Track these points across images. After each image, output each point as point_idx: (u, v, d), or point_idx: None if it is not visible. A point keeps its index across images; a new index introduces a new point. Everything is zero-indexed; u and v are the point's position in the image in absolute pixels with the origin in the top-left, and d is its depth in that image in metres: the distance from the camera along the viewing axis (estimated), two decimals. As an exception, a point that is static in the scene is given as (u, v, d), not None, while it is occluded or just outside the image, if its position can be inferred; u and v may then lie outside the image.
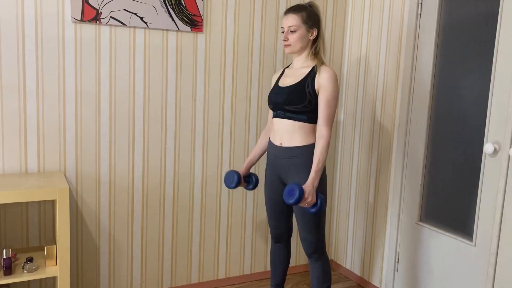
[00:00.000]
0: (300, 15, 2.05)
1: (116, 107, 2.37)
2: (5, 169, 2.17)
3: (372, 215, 2.80)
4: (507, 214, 2.01)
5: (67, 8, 2.19)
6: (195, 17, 2.47)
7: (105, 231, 2.44)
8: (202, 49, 2.54)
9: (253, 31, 2.66)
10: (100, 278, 2.46)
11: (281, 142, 2.12)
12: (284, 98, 2.07)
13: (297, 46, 2.08)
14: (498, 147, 2.04)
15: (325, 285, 2.20)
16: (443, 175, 2.37)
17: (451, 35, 2.31)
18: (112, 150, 2.39)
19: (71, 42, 2.23)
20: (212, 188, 2.69)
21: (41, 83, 2.19)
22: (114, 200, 2.43)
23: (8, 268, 1.93)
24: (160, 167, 2.53)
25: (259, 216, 2.86)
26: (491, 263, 2.08)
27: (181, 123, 2.55)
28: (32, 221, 2.26)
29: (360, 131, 2.88)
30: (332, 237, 3.16)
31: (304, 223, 2.10)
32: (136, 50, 2.38)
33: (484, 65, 2.11)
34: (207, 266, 2.76)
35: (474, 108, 2.18)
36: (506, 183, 2.00)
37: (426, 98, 2.42)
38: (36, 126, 2.21)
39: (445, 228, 2.35)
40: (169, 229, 2.60)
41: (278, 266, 2.40)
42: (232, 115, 2.69)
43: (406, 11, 2.50)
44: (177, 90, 2.51)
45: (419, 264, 2.49)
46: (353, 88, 2.93)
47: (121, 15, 2.29)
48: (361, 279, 2.90)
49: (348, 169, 3.00)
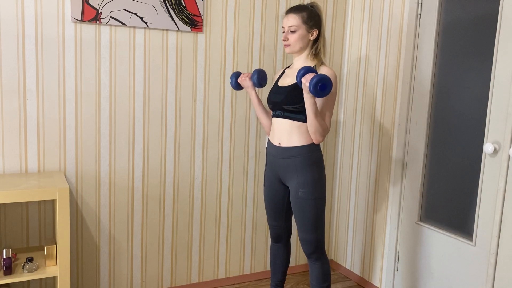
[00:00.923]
0: (300, 15, 2.05)
1: (116, 107, 2.37)
2: (5, 169, 2.18)
3: (372, 215, 2.80)
4: (507, 214, 2.01)
5: (67, 8, 2.19)
6: (195, 17, 2.47)
7: (105, 231, 2.44)
8: (202, 49, 2.54)
9: (253, 31, 2.66)
10: (100, 278, 2.46)
11: (279, 142, 2.12)
12: (282, 98, 2.08)
13: (297, 46, 2.09)
14: (498, 147, 2.04)
15: (324, 285, 2.20)
16: (443, 175, 2.37)
17: (451, 35, 2.30)
18: (112, 150, 2.39)
19: (71, 42, 2.23)
20: (212, 188, 2.69)
21: (41, 83, 2.19)
22: (114, 200, 2.44)
23: (8, 268, 1.93)
24: (160, 167, 2.53)
25: (259, 216, 2.86)
26: (491, 263, 2.08)
27: (181, 123, 2.55)
28: (32, 221, 2.26)
29: (360, 131, 2.88)
30: (332, 237, 3.16)
31: (303, 223, 2.10)
32: (136, 50, 2.38)
33: (484, 65, 2.11)
34: (207, 266, 2.76)
35: (474, 108, 2.18)
36: (506, 183, 2.00)
37: (426, 98, 2.42)
38: (36, 126, 2.21)
39: (445, 228, 2.35)
40: (169, 229, 2.60)
41: (278, 266, 2.40)
42: (232, 115, 2.69)
43: (406, 11, 2.50)
44: (177, 90, 2.51)
45: (419, 264, 2.49)
46: (353, 88, 2.93)
47: (121, 15, 2.29)
48: (361, 279, 2.90)
49: (348, 169, 3.00)
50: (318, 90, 1.84)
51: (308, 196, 2.06)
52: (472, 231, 2.18)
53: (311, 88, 1.83)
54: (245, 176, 2.78)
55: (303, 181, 2.06)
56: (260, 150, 2.80)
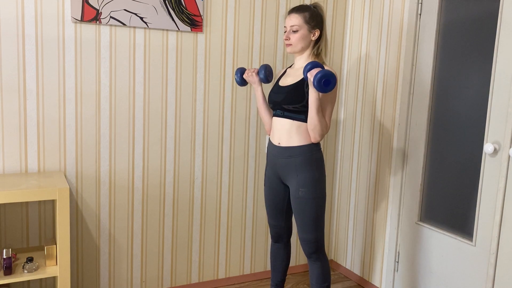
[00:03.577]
0: (303, 15, 2.06)
1: (116, 107, 2.37)
2: (5, 169, 2.18)
3: (372, 215, 2.80)
4: (507, 214, 2.01)
5: (67, 8, 2.19)
6: (195, 17, 2.47)
7: (105, 231, 2.44)
8: (202, 49, 2.54)
9: (253, 31, 2.66)
10: (100, 278, 2.46)
11: (279, 142, 2.13)
12: (283, 97, 2.08)
13: (298, 46, 2.09)
14: (498, 147, 2.04)
15: (324, 285, 2.20)
16: (443, 175, 2.37)
17: (451, 35, 2.30)
18: (112, 150, 2.39)
19: (71, 42, 2.23)
20: (212, 188, 2.69)
21: (41, 83, 2.19)
22: (114, 200, 2.44)
23: (8, 268, 1.93)
24: (160, 167, 2.53)
25: (259, 216, 2.86)
26: (491, 263, 2.08)
27: (181, 123, 2.55)
28: (32, 221, 2.26)
29: (360, 131, 2.88)
30: (332, 237, 3.16)
31: (304, 223, 2.10)
32: (136, 50, 2.38)
33: (484, 65, 2.11)
34: (207, 266, 2.76)
35: (474, 108, 2.18)
36: (506, 183, 2.00)
37: (426, 98, 2.42)
38: (36, 126, 2.21)
39: (445, 228, 2.35)
40: (169, 229, 2.60)
41: (278, 266, 2.40)
42: (232, 115, 2.69)
43: (406, 11, 2.50)
44: (177, 90, 2.51)
45: (419, 264, 2.49)
46: (353, 88, 2.93)
47: (121, 15, 2.29)
48: (361, 279, 2.90)
49: (348, 169, 3.00)
50: (322, 85, 1.85)
51: (308, 196, 2.06)
52: (472, 231, 2.18)
53: (315, 82, 1.85)
54: (245, 176, 2.78)
55: (304, 180, 2.06)
56: (260, 150, 2.80)
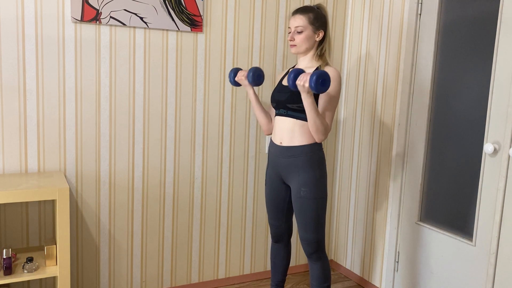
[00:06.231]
0: (307, 16, 2.06)
1: (116, 107, 2.37)
2: (5, 169, 2.18)
3: (372, 215, 2.80)
4: (507, 214, 2.01)
5: (67, 8, 2.19)
6: (195, 17, 2.47)
7: (105, 231, 2.44)
8: (202, 49, 2.54)
9: (253, 31, 2.66)
10: (100, 278, 2.46)
11: (281, 141, 2.13)
12: (286, 97, 2.08)
13: (302, 47, 2.10)
14: (498, 147, 2.04)
15: (324, 285, 2.20)
16: (443, 175, 2.37)
17: (451, 35, 2.31)
18: (112, 150, 2.39)
19: (71, 42, 2.23)
20: (212, 188, 2.69)
21: (41, 83, 2.19)
22: (114, 200, 2.44)
23: (8, 268, 1.93)
24: (160, 167, 2.53)
25: (259, 216, 2.86)
26: (491, 263, 2.08)
27: (181, 123, 2.55)
28: (32, 221, 2.26)
29: (360, 131, 2.88)
30: (332, 237, 3.16)
31: (304, 223, 2.11)
32: (136, 50, 2.38)
33: (484, 65, 2.11)
34: (207, 266, 2.76)
35: (474, 108, 2.18)
36: (506, 183, 2.01)
37: (426, 98, 2.42)
38: (36, 126, 2.21)
39: (445, 228, 2.35)
40: (169, 229, 2.60)
41: (278, 266, 2.40)
42: (232, 115, 2.69)
43: (406, 11, 2.50)
44: (177, 90, 2.51)
45: (419, 264, 2.49)
46: (353, 88, 2.93)
47: (121, 15, 2.29)
48: (361, 279, 2.90)
49: (348, 169, 3.00)
50: (320, 86, 1.84)
51: (310, 196, 2.06)
52: (472, 231, 2.18)
53: (313, 85, 1.83)
54: (245, 176, 2.78)
55: (305, 180, 2.06)
56: (260, 150, 2.80)
